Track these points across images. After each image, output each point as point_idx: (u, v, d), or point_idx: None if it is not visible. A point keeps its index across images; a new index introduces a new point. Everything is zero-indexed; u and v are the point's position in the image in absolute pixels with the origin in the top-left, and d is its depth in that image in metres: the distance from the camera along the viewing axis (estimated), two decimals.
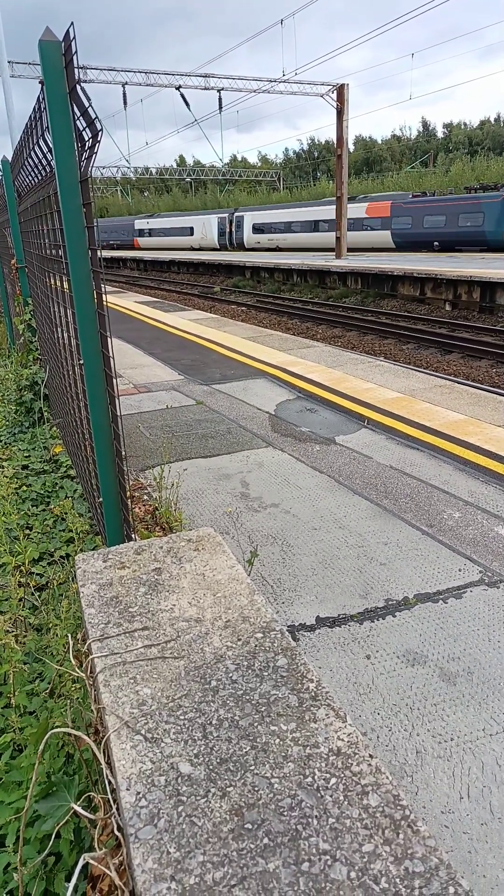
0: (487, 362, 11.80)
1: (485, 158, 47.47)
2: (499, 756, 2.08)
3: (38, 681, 2.28)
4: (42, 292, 4.39)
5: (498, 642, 2.59)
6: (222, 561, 1.81)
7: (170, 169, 64.58)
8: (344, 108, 22.78)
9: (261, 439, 5.12)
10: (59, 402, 4.39)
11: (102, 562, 1.85)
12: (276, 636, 1.45)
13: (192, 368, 7.87)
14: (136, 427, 5.53)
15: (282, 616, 2.81)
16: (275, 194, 57.13)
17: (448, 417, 5.42)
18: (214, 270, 32.07)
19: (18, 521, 3.52)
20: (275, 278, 26.79)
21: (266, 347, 9.06)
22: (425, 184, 42.33)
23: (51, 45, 1.99)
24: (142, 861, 0.92)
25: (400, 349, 13.56)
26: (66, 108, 2.04)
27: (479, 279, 16.58)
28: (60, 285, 2.98)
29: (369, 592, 2.97)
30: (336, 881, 0.86)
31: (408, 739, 2.15)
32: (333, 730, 1.15)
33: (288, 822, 0.97)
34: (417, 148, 71.34)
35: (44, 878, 1.61)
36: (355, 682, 2.40)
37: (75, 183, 2.09)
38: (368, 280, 21.46)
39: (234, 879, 0.88)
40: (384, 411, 5.68)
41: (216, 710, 1.22)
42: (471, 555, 3.26)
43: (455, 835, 1.85)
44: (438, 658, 2.52)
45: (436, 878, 0.86)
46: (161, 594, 1.65)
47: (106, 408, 2.37)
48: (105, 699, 1.27)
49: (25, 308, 6.03)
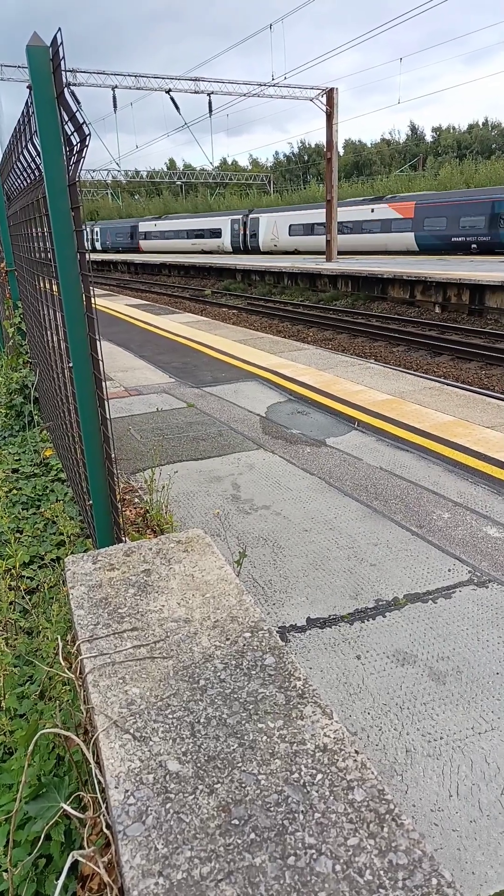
0: (476, 364, 11.88)
1: (473, 162, 47.82)
2: (487, 754, 2.10)
3: (28, 683, 2.27)
4: (32, 295, 4.39)
5: (487, 641, 2.62)
6: (211, 562, 1.82)
7: (160, 172, 64.67)
8: (333, 112, 22.90)
9: (252, 441, 5.13)
10: (50, 405, 4.39)
11: (92, 563, 1.85)
12: (264, 635, 1.46)
13: (183, 371, 7.87)
14: (127, 430, 5.53)
15: (272, 617, 2.82)
16: (265, 197, 57.27)
17: (437, 419, 5.46)
18: (205, 273, 32.10)
19: (9, 524, 3.51)
20: (266, 281, 26.85)
21: (257, 350, 9.08)
22: (415, 187, 42.59)
23: (38, 51, 2.00)
24: (130, 857, 0.93)
25: (390, 351, 13.62)
26: (54, 113, 2.05)
27: (468, 282, 16.70)
28: (49, 288, 2.99)
29: (360, 593, 2.98)
30: (321, 874, 0.88)
31: (397, 738, 2.17)
32: (320, 727, 1.16)
33: (274, 818, 0.98)
34: (407, 151, 71.77)
35: (34, 881, 1.61)
36: (345, 682, 2.42)
37: (63, 187, 2.10)
38: (359, 283, 21.56)
39: (220, 874, 0.89)
40: (374, 413, 5.71)
41: (204, 708, 1.23)
42: (460, 555, 3.29)
43: (444, 832, 1.86)
44: (428, 658, 2.54)
45: (419, 869, 0.87)
46: (150, 595, 1.66)
47: (95, 410, 2.38)
48: (94, 699, 1.28)
49: (15, 311, 6.02)
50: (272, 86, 23.27)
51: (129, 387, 7.16)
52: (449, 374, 11.32)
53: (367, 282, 21.09)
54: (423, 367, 11.88)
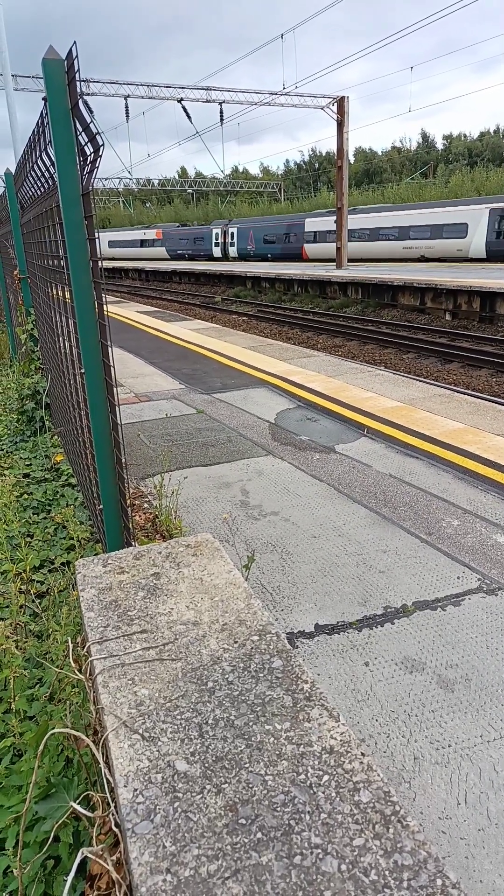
0: (487, 371, 11.85)
1: (484, 169, 47.83)
2: (496, 762, 2.09)
3: (38, 686, 2.30)
4: (44, 302, 4.44)
5: (496, 649, 2.61)
6: (220, 566, 1.83)
7: (171, 180, 65.11)
8: (344, 120, 23.01)
9: (261, 448, 5.15)
10: (61, 410, 4.44)
11: (102, 567, 1.88)
12: (271, 639, 1.47)
13: (193, 378, 7.92)
14: (137, 436, 5.57)
15: (281, 623, 2.82)
16: (275, 205, 57.53)
17: (447, 426, 5.45)
18: (216, 280, 32.27)
19: (20, 528, 3.55)
20: (276, 288, 26.94)
21: (266, 357, 9.12)
22: (425, 194, 42.62)
23: (54, 63, 2.05)
24: (138, 855, 0.94)
25: (400, 358, 13.61)
26: (69, 124, 2.10)
27: (478, 289, 16.68)
28: (62, 296, 3.03)
29: (368, 600, 2.98)
30: (327, 873, 0.89)
31: (406, 746, 2.16)
32: (326, 729, 1.17)
33: (281, 818, 0.99)
34: (417, 159, 71.89)
35: (43, 881, 1.63)
36: (354, 688, 2.42)
37: (77, 196, 2.14)
38: (369, 290, 21.59)
39: (227, 872, 0.90)
40: (384, 420, 5.71)
41: (212, 710, 1.25)
42: (469, 563, 3.28)
43: (452, 840, 1.86)
44: (437, 665, 2.53)
45: (424, 870, 0.88)
46: (159, 598, 1.68)
47: (106, 416, 2.41)
48: (104, 700, 1.30)
49: (28, 318, 6.09)
50: (283, 94, 23.42)
51: (140, 393, 7.21)
52: (459, 381, 11.29)
53: (378, 289, 21.11)
54: (434, 375, 11.86)
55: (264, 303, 24.55)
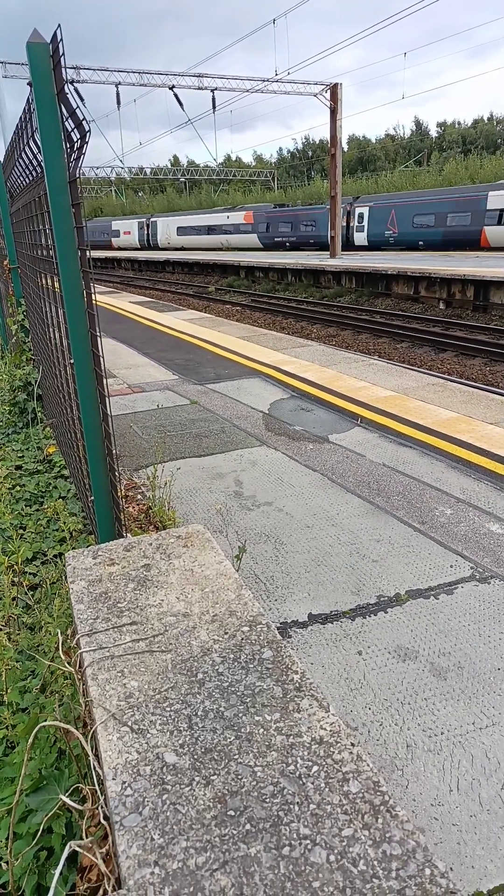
0: (481, 360, 11.85)
1: (478, 157, 47.58)
2: (488, 749, 2.10)
3: (30, 678, 2.29)
4: (34, 293, 4.40)
5: (488, 637, 2.62)
6: (211, 557, 1.82)
7: (164, 169, 64.59)
8: (337, 108, 22.83)
9: (255, 438, 5.14)
10: (53, 402, 4.41)
11: (92, 558, 1.86)
12: (262, 629, 1.47)
13: (187, 368, 7.88)
14: (130, 427, 5.54)
15: (274, 613, 2.82)
16: (269, 193, 57.11)
17: (440, 415, 5.45)
18: (209, 270, 32.09)
19: (12, 520, 3.53)
20: (269, 278, 26.81)
21: (260, 347, 9.08)
22: (420, 182, 42.37)
23: (38, 47, 2.01)
24: (126, 847, 0.93)
25: (394, 348, 13.59)
26: (55, 110, 2.06)
27: (472, 277, 16.64)
28: (51, 285, 2.99)
29: (361, 589, 2.99)
30: (315, 864, 0.88)
31: (398, 734, 2.17)
32: (316, 719, 1.17)
33: (270, 809, 0.99)
34: (411, 147, 71.46)
35: (35, 873, 1.62)
36: (347, 677, 2.42)
37: (64, 183, 2.11)
38: (363, 279, 21.51)
39: (216, 864, 0.90)
40: (377, 409, 5.70)
41: (202, 701, 1.24)
42: (462, 551, 3.28)
43: (445, 827, 1.87)
44: (429, 653, 2.54)
45: (413, 860, 0.88)
46: (150, 590, 1.67)
47: (97, 407, 2.38)
48: (93, 692, 1.29)
49: (18, 308, 6.03)
50: (276, 81, 23.21)
51: (133, 384, 7.17)
52: (453, 370, 11.29)
53: (371, 278, 21.03)
54: (427, 364, 11.85)
55: (258, 292, 24.44)
